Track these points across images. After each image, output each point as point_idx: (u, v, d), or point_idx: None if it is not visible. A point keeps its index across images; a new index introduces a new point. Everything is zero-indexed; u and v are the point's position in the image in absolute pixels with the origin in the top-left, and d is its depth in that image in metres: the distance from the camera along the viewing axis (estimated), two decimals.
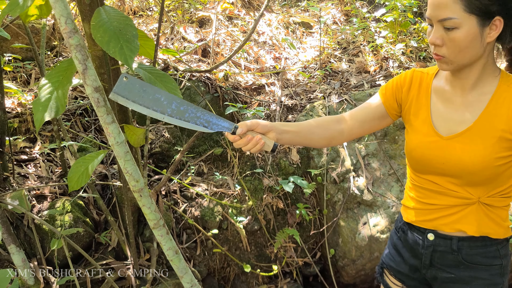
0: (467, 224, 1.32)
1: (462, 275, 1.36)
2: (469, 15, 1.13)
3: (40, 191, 2.45)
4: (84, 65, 1.04)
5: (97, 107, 1.08)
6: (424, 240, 1.41)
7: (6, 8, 1.47)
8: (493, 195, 1.30)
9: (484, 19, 1.14)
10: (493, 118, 1.24)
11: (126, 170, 1.14)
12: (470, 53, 1.19)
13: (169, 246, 1.25)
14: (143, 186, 1.18)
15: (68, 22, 1.00)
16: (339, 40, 4.66)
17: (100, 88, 1.07)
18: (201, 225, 2.84)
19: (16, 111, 2.91)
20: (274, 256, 3.08)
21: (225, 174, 3.17)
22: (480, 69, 1.25)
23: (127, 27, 1.42)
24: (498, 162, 1.23)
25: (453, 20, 1.14)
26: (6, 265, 2.18)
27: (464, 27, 1.14)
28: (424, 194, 1.40)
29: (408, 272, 1.50)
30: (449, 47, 1.18)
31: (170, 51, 2.67)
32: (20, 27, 3.58)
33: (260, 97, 3.70)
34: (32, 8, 1.87)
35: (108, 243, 2.47)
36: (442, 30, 1.18)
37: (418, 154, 1.36)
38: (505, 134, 1.22)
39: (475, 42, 1.17)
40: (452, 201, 1.34)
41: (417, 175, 1.42)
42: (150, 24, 4.55)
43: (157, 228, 1.22)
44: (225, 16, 4.79)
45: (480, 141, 1.24)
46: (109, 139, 1.12)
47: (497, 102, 1.24)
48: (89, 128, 3.12)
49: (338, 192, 3.13)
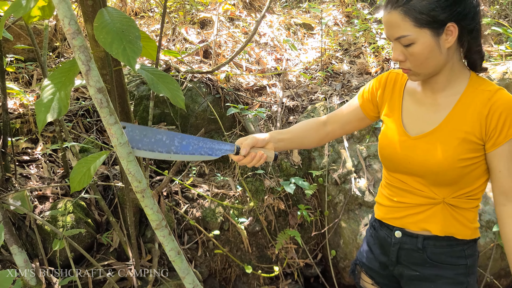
0: (432, 224, 1.35)
1: (427, 273, 1.39)
2: (421, 29, 1.17)
3: (42, 192, 2.46)
4: (87, 66, 1.04)
5: (100, 108, 1.09)
6: (392, 238, 1.44)
7: (10, 9, 1.47)
8: (458, 196, 1.32)
9: (436, 29, 1.18)
10: (458, 119, 1.26)
11: (128, 171, 1.14)
12: (432, 63, 1.22)
13: (172, 246, 1.25)
14: (146, 187, 1.19)
15: (71, 23, 1.00)
16: (341, 42, 4.66)
17: (103, 89, 1.07)
18: (203, 226, 2.84)
19: (18, 112, 2.92)
20: (275, 257, 3.08)
21: (227, 175, 3.17)
22: (447, 72, 1.28)
23: (129, 28, 1.42)
24: (462, 163, 1.25)
25: (407, 37, 1.18)
26: (8, 265, 2.18)
27: (419, 41, 1.18)
28: (394, 192, 1.44)
29: (378, 269, 1.53)
30: (411, 61, 1.23)
31: (172, 52, 2.68)
32: (22, 28, 3.59)
33: (261, 98, 3.70)
34: (35, 9, 1.87)
35: (110, 244, 2.48)
36: (401, 47, 1.22)
37: (387, 153, 1.40)
38: (468, 136, 1.24)
39: (434, 52, 1.20)
40: (418, 200, 1.37)
41: (388, 173, 1.46)
42: (152, 25, 4.55)
43: (159, 229, 1.22)
44: (227, 18, 4.80)
45: (445, 142, 1.27)
46: (112, 140, 1.12)
47: (464, 104, 1.27)
48: (90, 129, 3.12)
49: (339, 193, 3.13)
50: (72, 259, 2.14)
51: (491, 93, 1.23)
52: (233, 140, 3.31)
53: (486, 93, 1.23)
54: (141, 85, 3.41)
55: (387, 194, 1.47)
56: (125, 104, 2.23)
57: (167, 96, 1.63)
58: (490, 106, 1.21)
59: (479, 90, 1.25)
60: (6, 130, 2.38)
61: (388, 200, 1.46)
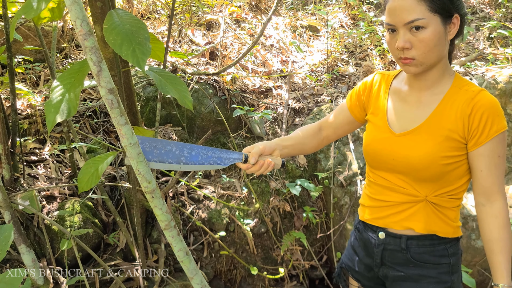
0: (415, 222, 1.37)
1: (411, 273, 1.40)
2: (434, 15, 1.20)
3: (50, 192, 2.47)
4: (98, 67, 1.05)
5: (110, 109, 1.09)
6: (376, 239, 1.45)
7: (21, 10, 1.49)
8: (440, 194, 1.34)
9: (446, 17, 1.22)
10: (442, 117, 1.29)
11: (138, 171, 1.15)
12: (438, 51, 1.24)
13: (180, 247, 1.26)
14: (155, 187, 1.19)
15: (83, 25, 1.01)
16: (346, 44, 4.67)
17: (114, 89, 1.08)
18: (208, 227, 2.85)
19: (26, 112, 2.94)
20: (280, 259, 3.08)
21: (232, 177, 3.18)
22: (440, 69, 1.31)
23: (139, 30, 1.43)
24: (444, 161, 1.27)
25: (421, 20, 1.19)
26: (16, 265, 2.20)
27: (431, 26, 1.20)
28: (376, 190, 1.46)
29: (363, 271, 1.54)
30: (418, 48, 1.23)
31: (178, 53, 2.69)
32: (29, 29, 3.61)
33: (267, 100, 3.71)
34: (44, 11, 1.89)
35: (117, 244, 2.49)
36: (409, 33, 1.22)
37: (371, 149, 1.42)
38: (451, 134, 1.27)
39: (442, 40, 1.23)
40: (400, 198, 1.39)
41: (372, 171, 1.48)
42: (158, 27, 4.57)
43: (168, 229, 1.23)
44: (233, 19, 4.81)
45: (428, 139, 1.29)
46: (122, 140, 1.13)
47: (447, 102, 1.29)
48: (97, 130, 3.14)
49: (345, 195, 3.13)
50: (79, 259, 2.16)
51: (474, 93, 1.26)
52: (239, 141, 3.32)
53: (469, 93, 1.26)
54: (147, 86, 3.42)
55: (369, 193, 1.49)
56: (132, 105, 2.25)
57: (175, 97, 1.64)
58: (473, 105, 1.24)
59: (463, 90, 1.28)
60: (15, 130, 2.40)
61: (371, 200, 1.48)
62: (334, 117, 1.58)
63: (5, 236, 1.32)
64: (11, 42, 2.30)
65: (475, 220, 2.84)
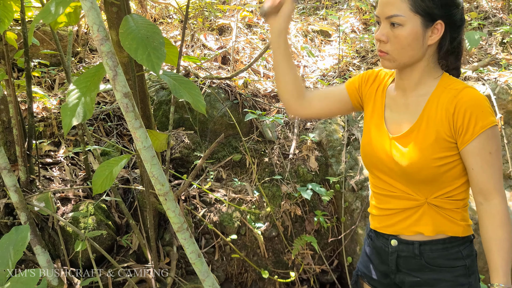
0: (423, 225, 1.36)
1: (427, 278, 1.39)
2: (414, 15, 1.21)
3: (65, 194, 2.51)
4: (114, 71, 1.07)
5: (126, 112, 1.11)
6: (388, 247, 1.45)
7: (39, 15, 1.52)
8: (438, 196, 1.33)
9: (427, 21, 1.23)
10: (429, 119, 1.29)
11: (152, 174, 1.17)
12: (411, 51, 1.25)
13: (192, 249, 1.27)
14: (168, 190, 1.21)
15: (100, 30, 1.03)
16: (358, 49, 4.67)
17: (129, 94, 1.10)
18: (220, 230, 2.87)
19: (41, 115, 2.98)
20: (291, 263, 3.08)
21: (244, 180, 3.19)
22: (420, 71, 1.31)
23: (154, 34, 1.45)
24: (436, 163, 1.27)
25: (399, 17, 1.22)
26: (31, 265, 2.23)
27: (408, 25, 1.22)
28: (380, 200, 1.46)
29: (379, 278, 1.53)
30: (393, 43, 1.25)
31: (191, 58, 2.72)
32: (45, 33, 3.67)
33: (279, 104, 3.72)
34: (61, 16, 1.92)
35: (129, 246, 2.51)
36: (388, 28, 1.25)
37: (369, 151, 1.43)
38: (440, 135, 1.27)
39: (417, 42, 1.24)
40: (403, 204, 1.39)
41: (373, 178, 1.47)
42: (171, 32, 4.62)
43: (180, 231, 1.24)
44: (245, 24, 4.84)
45: (418, 141, 1.29)
46: (137, 144, 1.15)
47: (433, 103, 1.30)
48: (111, 133, 3.17)
49: (356, 200, 3.13)
50: (94, 260, 2.18)
51: (457, 91, 1.26)
52: (251, 145, 3.34)
53: (452, 92, 1.27)
54: (160, 90, 3.46)
55: (375, 203, 1.49)
56: (146, 108, 2.28)
57: (189, 101, 1.66)
58: (455, 103, 1.25)
59: (448, 89, 1.28)
60: (31, 133, 2.44)
61: (377, 209, 1.48)
62: (327, 88, 1.57)
63: (21, 237, 1.34)
64: (29, 46, 2.35)
65: None
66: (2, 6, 1.76)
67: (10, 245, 1.30)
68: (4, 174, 1.88)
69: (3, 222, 2.29)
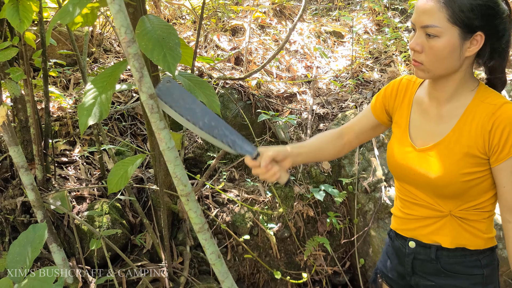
0: (442, 236, 1.34)
1: (442, 283, 1.38)
2: (452, 26, 1.14)
3: (80, 193, 2.53)
4: (140, 73, 1.08)
5: (150, 113, 1.12)
6: (406, 248, 1.44)
7: (57, 16, 1.54)
8: (465, 209, 1.30)
9: (466, 32, 1.15)
10: (461, 133, 1.24)
11: (175, 174, 1.17)
12: (447, 63, 1.19)
13: (213, 250, 1.27)
14: (191, 191, 1.21)
15: (127, 32, 1.04)
16: (371, 50, 4.66)
17: (154, 95, 1.11)
18: (232, 230, 2.87)
19: (57, 114, 3.02)
20: (303, 264, 3.08)
21: (256, 181, 3.20)
22: (456, 82, 1.25)
23: (169, 35, 1.46)
24: (465, 177, 1.23)
25: (435, 28, 1.15)
26: (46, 263, 2.26)
27: (445, 36, 1.15)
28: (404, 204, 1.44)
29: (396, 278, 1.53)
30: (428, 54, 1.19)
31: (205, 58, 2.73)
32: (61, 34, 3.71)
33: (291, 105, 3.72)
34: (78, 16, 1.95)
35: (143, 245, 2.53)
36: (424, 37, 1.19)
37: (393, 162, 1.40)
38: (471, 150, 1.22)
39: (454, 54, 1.17)
40: (426, 213, 1.36)
41: (397, 183, 1.46)
42: (183, 32, 4.64)
43: (201, 232, 1.24)
44: (257, 25, 4.85)
45: (448, 156, 1.25)
46: (161, 145, 1.15)
47: (468, 117, 1.24)
48: (125, 133, 3.20)
49: (369, 201, 3.12)
50: (109, 259, 2.20)
51: (496, 107, 1.20)
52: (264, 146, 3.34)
53: (491, 107, 1.20)
54: None
55: (399, 205, 1.48)
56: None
57: (203, 101, 1.67)
58: (493, 120, 1.19)
59: (485, 103, 1.22)
60: (47, 132, 2.47)
61: (400, 212, 1.47)
62: (358, 122, 1.54)
63: (39, 235, 1.35)
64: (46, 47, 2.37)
65: (501, 229, 2.79)
66: (22, 6, 1.78)
67: (27, 243, 1.31)
68: (21, 173, 1.91)
69: (20, 220, 2.32)
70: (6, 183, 2.41)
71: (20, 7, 1.81)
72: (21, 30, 1.76)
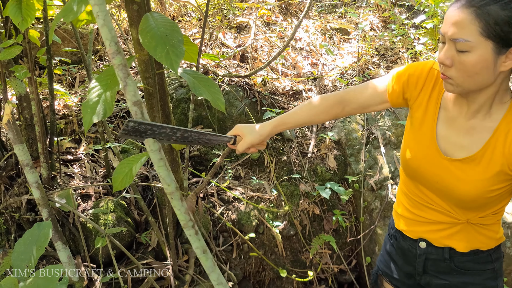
0: (456, 241, 1.31)
1: (455, 281, 1.37)
2: (485, 40, 1.03)
3: (85, 191, 2.53)
4: (125, 82, 1.09)
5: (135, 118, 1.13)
6: (417, 248, 1.41)
7: (61, 13, 1.53)
8: (484, 216, 1.28)
9: (501, 47, 1.04)
10: (495, 150, 1.17)
11: (159, 174, 1.18)
12: (479, 79, 1.09)
13: (197, 245, 1.28)
14: (174, 190, 1.22)
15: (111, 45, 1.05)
16: (377, 47, 4.62)
17: (138, 102, 1.11)
18: (238, 228, 2.86)
19: (62, 112, 3.02)
20: (309, 262, 3.07)
21: (262, 179, 3.19)
22: (489, 95, 1.16)
23: (173, 32, 1.45)
24: (491, 194, 1.19)
25: (467, 42, 1.04)
26: (52, 261, 2.26)
27: (477, 51, 1.04)
28: (414, 204, 1.39)
29: (403, 278, 1.50)
30: (458, 69, 1.09)
31: (210, 56, 2.72)
32: (66, 32, 3.71)
33: (297, 103, 3.70)
34: (83, 14, 1.94)
35: (148, 243, 2.53)
36: (454, 50, 1.08)
37: (415, 165, 1.31)
38: (504, 168, 1.16)
39: (487, 70, 1.07)
40: (440, 218, 1.32)
41: (410, 182, 1.38)
42: (189, 30, 4.63)
43: (186, 228, 1.26)
44: (263, 22, 4.83)
45: (479, 173, 1.19)
46: (146, 146, 1.16)
47: (501, 133, 1.16)
48: None
49: (375, 199, 3.10)
50: (114, 257, 2.20)
51: None
52: (269, 142, 3.33)
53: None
54: (179, 88, 3.47)
55: (406, 204, 1.42)
56: (166, 106, 2.28)
57: (208, 99, 1.66)
58: None
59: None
60: (52, 130, 2.47)
61: (407, 212, 1.41)
62: (365, 94, 1.40)
63: (44, 233, 1.35)
64: (50, 44, 2.37)
65: (510, 227, 2.77)
66: (25, 4, 1.78)
67: (32, 241, 1.31)
68: (26, 171, 1.91)
69: (25, 218, 2.32)
70: (11, 181, 2.42)
71: (23, 5, 1.80)
72: (22, 28, 1.75)
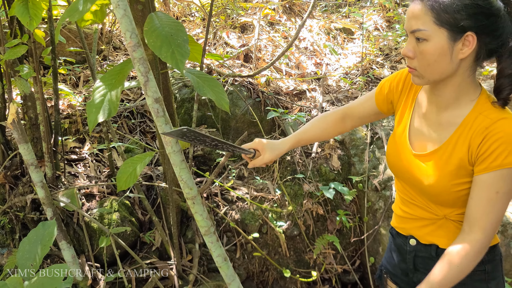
0: (438, 237, 1.34)
1: None
2: (439, 28, 1.11)
3: (89, 190, 2.54)
4: (146, 77, 1.07)
5: (156, 117, 1.11)
6: (407, 245, 1.44)
7: (65, 13, 1.53)
8: (460, 213, 1.28)
9: (455, 33, 1.11)
10: (456, 145, 1.21)
11: (181, 177, 1.17)
12: (439, 68, 1.16)
13: (219, 252, 1.26)
14: (196, 194, 1.20)
15: (132, 37, 1.03)
16: (381, 47, 4.62)
17: (160, 99, 1.10)
18: (241, 228, 2.86)
19: (66, 112, 3.02)
20: (313, 262, 3.07)
21: (266, 179, 3.19)
22: (455, 87, 1.21)
23: (178, 32, 1.45)
24: (456, 188, 1.21)
25: (423, 31, 1.12)
26: (56, 260, 2.26)
27: (433, 39, 1.12)
28: (403, 202, 1.44)
29: (400, 275, 1.52)
30: (419, 59, 1.17)
31: (214, 55, 2.72)
32: (70, 31, 3.72)
33: (301, 103, 3.70)
34: (87, 14, 1.94)
35: (152, 243, 2.53)
36: (415, 42, 1.16)
37: (391, 161, 1.40)
38: (463, 163, 1.19)
39: (444, 57, 1.14)
40: (421, 214, 1.36)
41: (397, 181, 1.46)
42: (193, 30, 4.63)
43: (208, 235, 1.24)
44: (267, 22, 4.83)
45: (441, 166, 1.23)
46: (167, 148, 1.14)
47: (465, 129, 1.20)
48: (134, 130, 3.20)
49: (379, 199, 3.09)
50: (118, 256, 2.20)
51: (491, 122, 1.15)
52: None
53: (486, 121, 1.16)
54: (183, 88, 3.47)
55: (399, 203, 1.48)
56: (170, 106, 2.28)
57: (212, 99, 1.66)
58: (485, 134, 1.15)
59: (482, 116, 1.18)
60: (57, 129, 2.47)
61: (399, 209, 1.48)
62: (361, 106, 1.54)
63: (48, 232, 1.35)
64: (55, 44, 2.38)
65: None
66: (32, 4, 1.78)
67: (37, 240, 1.31)
68: (31, 170, 1.91)
69: (30, 217, 2.33)
70: (16, 180, 2.42)
71: (30, 5, 1.81)
72: (31, 28, 1.75)
